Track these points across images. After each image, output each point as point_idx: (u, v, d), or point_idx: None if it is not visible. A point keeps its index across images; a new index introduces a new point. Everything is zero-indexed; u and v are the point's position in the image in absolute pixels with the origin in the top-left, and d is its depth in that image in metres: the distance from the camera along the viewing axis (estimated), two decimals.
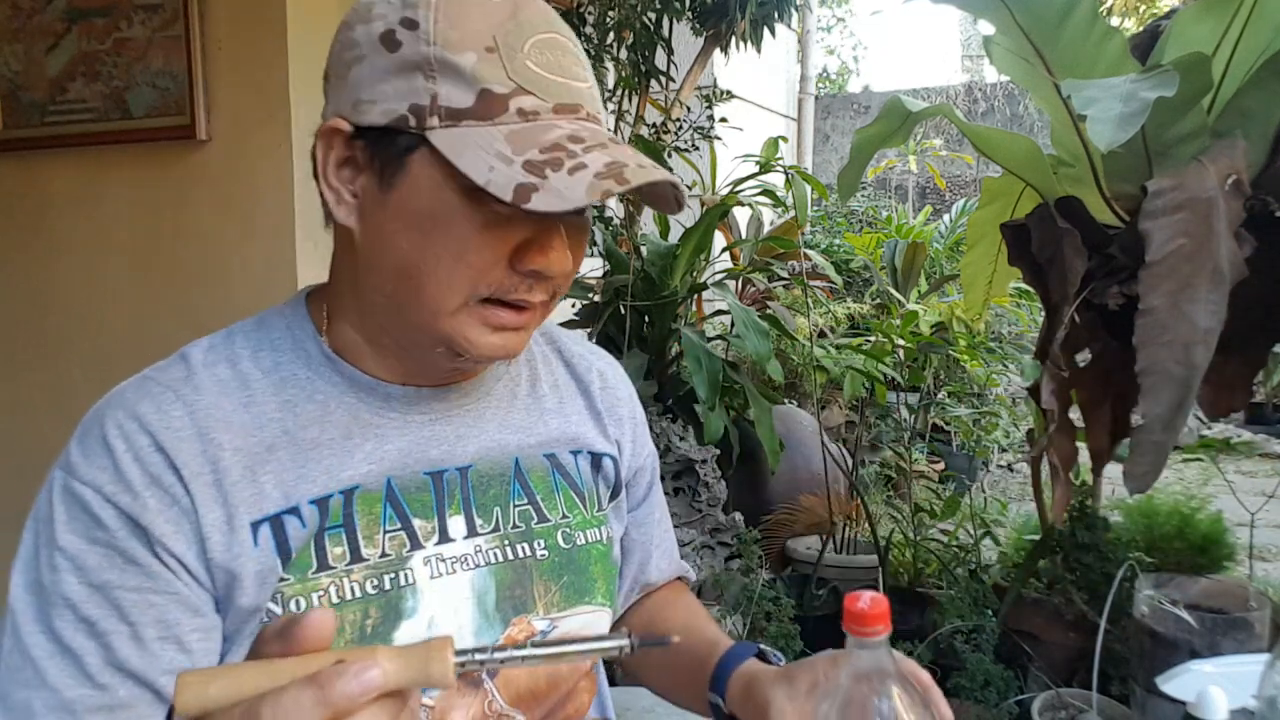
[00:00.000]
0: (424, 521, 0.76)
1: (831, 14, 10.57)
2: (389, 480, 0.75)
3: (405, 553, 0.74)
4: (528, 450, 0.84)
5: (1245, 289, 1.32)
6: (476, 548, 0.78)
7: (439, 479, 0.78)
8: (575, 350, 0.93)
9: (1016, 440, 4.15)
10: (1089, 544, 1.72)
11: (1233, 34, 1.50)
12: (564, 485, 0.85)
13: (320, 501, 0.72)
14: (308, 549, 0.71)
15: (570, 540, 0.83)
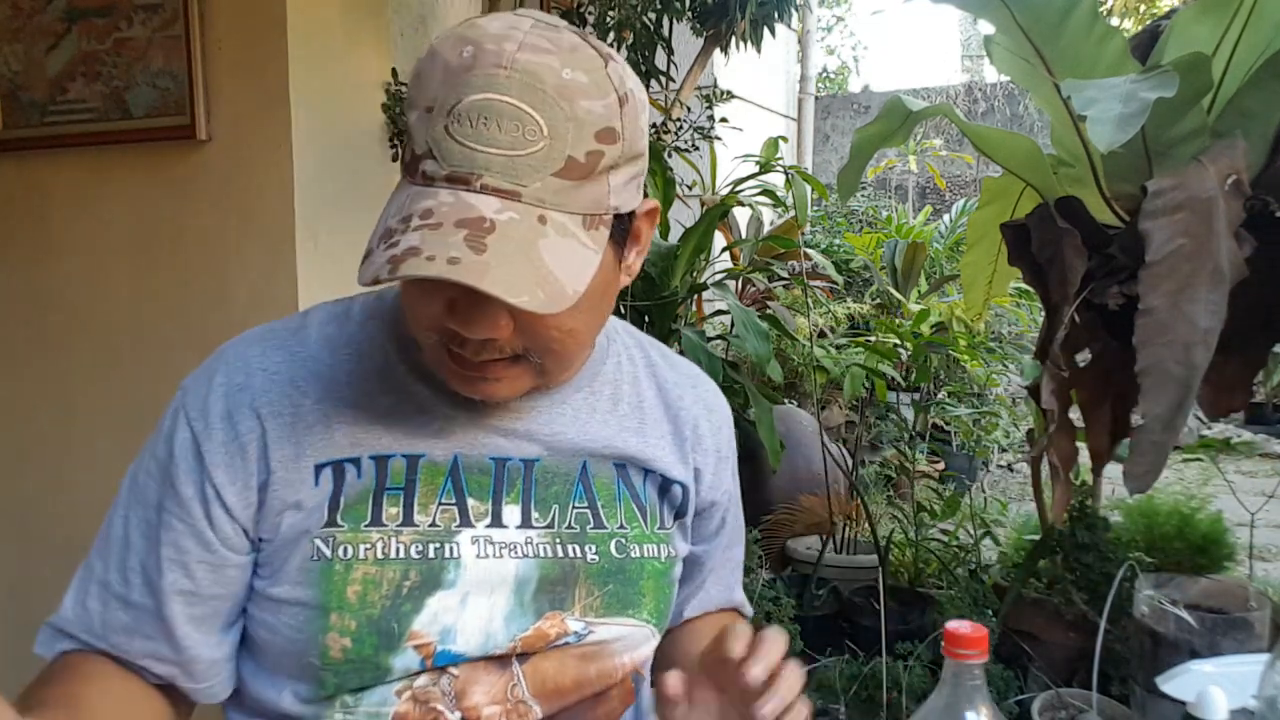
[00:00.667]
0: (478, 502, 0.80)
1: (831, 14, 10.57)
2: (456, 457, 0.80)
3: (454, 527, 0.78)
4: (598, 457, 0.86)
5: (1245, 289, 1.32)
6: (528, 539, 0.81)
7: (501, 466, 0.82)
8: (671, 376, 0.94)
9: (1016, 440, 4.15)
10: (1089, 544, 1.72)
11: (1233, 34, 1.50)
12: (627, 496, 0.87)
13: (381, 459, 0.78)
14: (364, 502, 0.77)
15: (624, 550, 0.84)
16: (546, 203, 0.66)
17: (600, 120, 0.67)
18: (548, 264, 0.65)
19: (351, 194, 2.15)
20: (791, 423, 2.98)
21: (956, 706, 0.66)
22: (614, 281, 0.77)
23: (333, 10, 1.98)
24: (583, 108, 0.66)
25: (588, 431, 0.86)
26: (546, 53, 0.66)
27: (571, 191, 0.67)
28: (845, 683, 1.77)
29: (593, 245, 0.68)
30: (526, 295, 0.63)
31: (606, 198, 0.69)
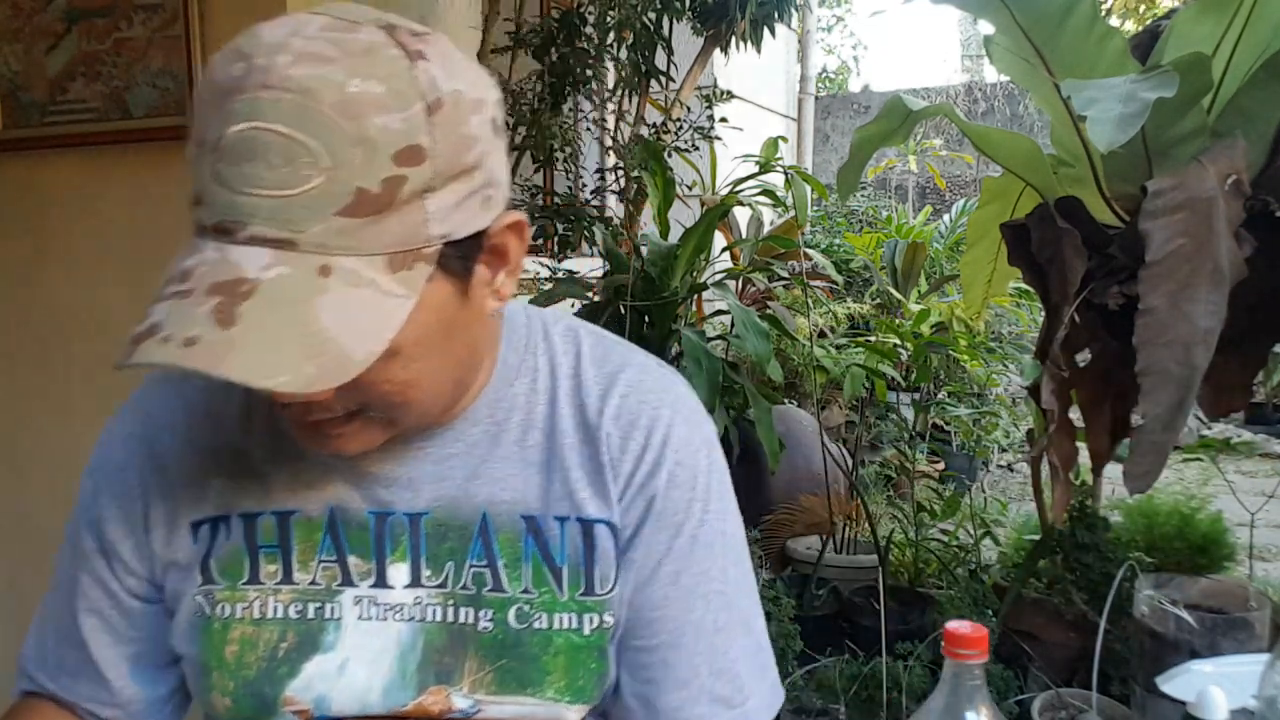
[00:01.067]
0: (360, 560, 0.72)
1: (831, 14, 10.57)
2: (332, 510, 0.73)
3: (335, 586, 0.72)
4: (501, 507, 0.72)
5: (1245, 289, 1.32)
6: (417, 599, 0.72)
7: (383, 521, 0.73)
8: (595, 381, 0.76)
9: (1016, 440, 4.15)
10: (1089, 544, 1.72)
11: (1232, 34, 1.50)
12: (535, 556, 0.72)
13: (249, 518, 0.73)
14: (239, 560, 0.73)
15: (525, 620, 0.71)
16: (331, 248, 0.54)
17: (399, 138, 0.55)
18: (326, 327, 0.54)
19: None
20: (791, 423, 2.98)
21: (957, 706, 0.66)
22: (463, 317, 0.64)
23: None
24: (374, 125, 0.54)
25: (488, 475, 0.73)
26: (327, 62, 0.54)
27: (365, 230, 0.55)
28: (845, 683, 1.77)
29: (401, 291, 0.57)
30: (286, 375, 0.52)
31: (423, 228, 0.57)
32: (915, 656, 1.75)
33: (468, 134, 0.58)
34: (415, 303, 0.57)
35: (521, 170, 2.84)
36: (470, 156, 0.59)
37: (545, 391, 0.75)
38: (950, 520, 2.59)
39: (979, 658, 0.65)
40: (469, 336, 0.67)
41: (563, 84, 2.63)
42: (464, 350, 0.67)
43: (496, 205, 0.64)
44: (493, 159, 0.62)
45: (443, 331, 0.62)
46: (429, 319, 0.60)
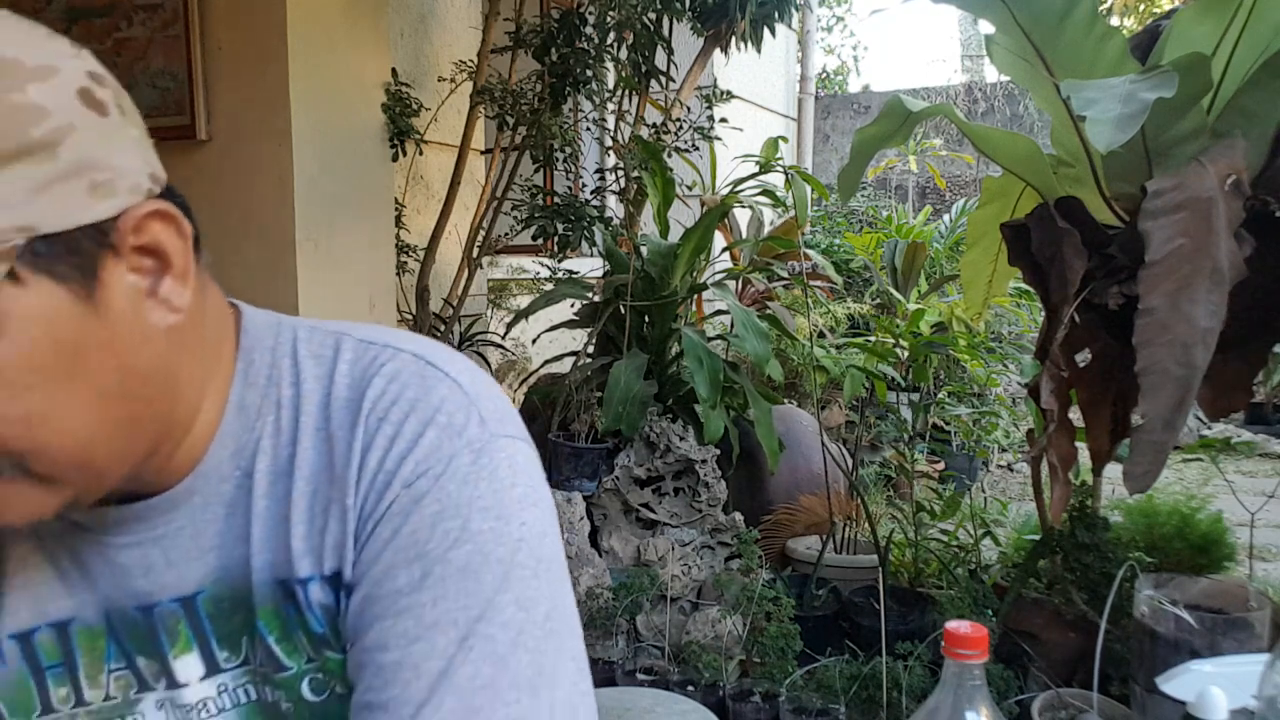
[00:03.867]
0: (149, 661, 0.63)
1: (831, 14, 10.57)
2: (107, 613, 0.63)
3: (133, 694, 0.63)
4: (260, 576, 0.61)
5: (1245, 289, 1.32)
6: (221, 687, 0.63)
7: (150, 614, 0.62)
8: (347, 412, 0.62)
9: (1016, 440, 4.15)
10: (1089, 544, 1.72)
11: (1232, 34, 1.50)
12: (306, 622, 0.61)
13: (22, 637, 0.62)
14: (26, 689, 0.62)
15: (322, 689, 0.62)
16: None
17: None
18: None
19: (351, 194, 2.15)
20: (791, 423, 2.98)
21: (957, 706, 0.66)
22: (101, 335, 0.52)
23: (333, 11, 1.98)
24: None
25: (249, 536, 0.61)
26: None
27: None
28: (845, 683, 1.77)
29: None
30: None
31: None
32: (915, 656, 1.75)
33: (23, 104, 0.48)
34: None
35: (521, 170, 2.84)
36: (37, 132, 0.48)
37: (289, 430, 0.63)
38: (950, 520, 2.59)
39: (979, 658, 0.65)
40: (124, 361, 0.54)
41: (563, 84, 2.63)
42: (120, 378, 0.54)
43: (120, 194, 0.52)
44: (88, 137, 0.51)
45: (67, 354, 0.50)
46: (34, 332, 0.49)
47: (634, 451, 2.45)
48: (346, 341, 0.65)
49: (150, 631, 0.62)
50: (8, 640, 0.62)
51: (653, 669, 2.03)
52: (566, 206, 2.68)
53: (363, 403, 0.61)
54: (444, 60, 3.10)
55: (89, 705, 0.63)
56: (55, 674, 0.63)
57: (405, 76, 2.51)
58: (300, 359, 0.64)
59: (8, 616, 0.62)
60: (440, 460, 0.59)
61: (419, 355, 0.64)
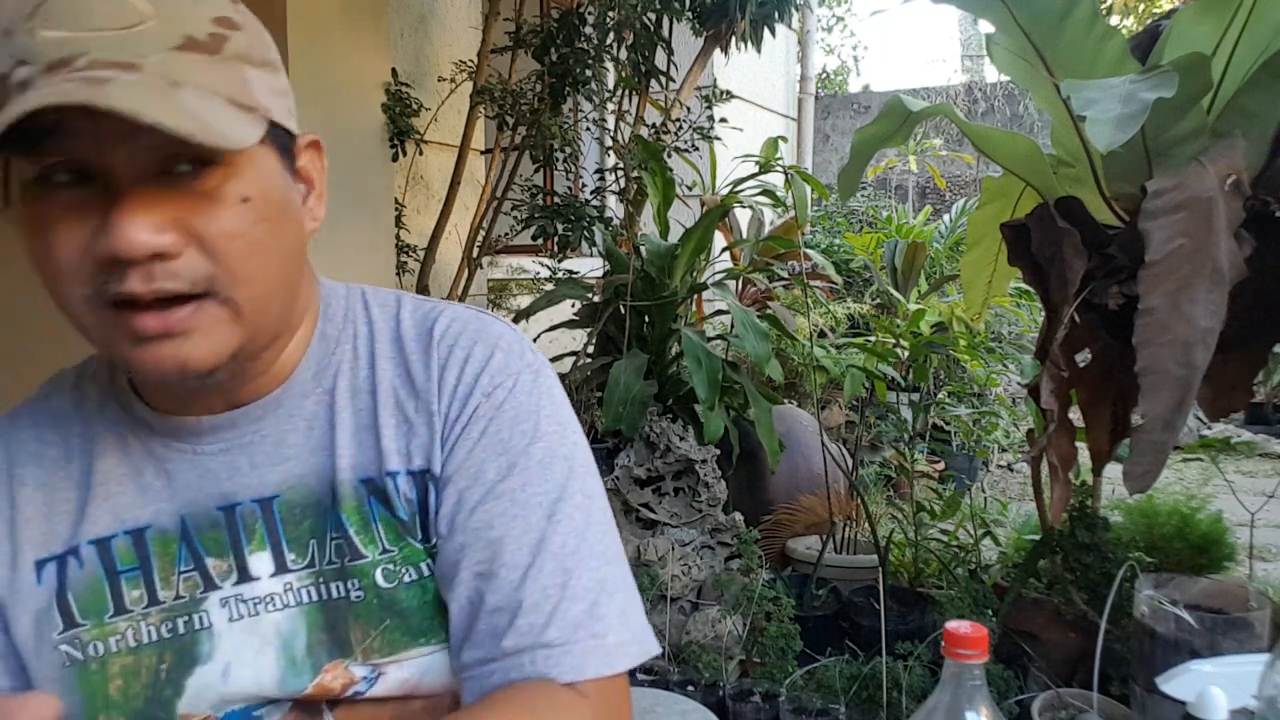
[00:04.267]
0: (218, 560, 0.70)
1: (831, 14, 10.57)
2: (183, 518, 0.71)
3: (199, 594, 0.70)
4: (344, 476, 0.72)
5: (1245, 289, 1.32)
6: (286, 586, 0.70)
7: (232, 513, 0.71)
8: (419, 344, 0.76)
9: (1016, 440, 4.15)
10: (1089, 544, 1.72)
11: (1232, 34, 1.50)
12: (384, 514, 0.71)
13: (100, 543, 0.70)
14: (100, 592, 0.69)
15: (394, 578, 0.71)
16: (175, 76, 0.56)
17: (216, 6, 0.61)
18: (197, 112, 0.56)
19: (351, 194, 2.15)
20: (791, 422, 2.98)
21: (957, 706, 0.66)
22: (292, 209, 0.67)
23: (332, 10, 1.98)
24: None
25: (327, 445, 0.72)
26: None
27: (201, 69, 0.58)
28: (845, 683, 1.77)
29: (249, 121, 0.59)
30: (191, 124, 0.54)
31: (248, 90, 0.60)
32: (915, 656, 1.75)
33: (266, 35, 0.67)
34: (256, 152, 0.62)
35: (521, 170, 2.84)
36: (272, 55, 0.66)
37: (365, 355, 0.75)
38: (950, 520, 2.59)
39: (979, 658, 0.65)
40: (297, 241, 0.68)
41: (562, 84, 2.63)
42: (295, 249, 0.68)
43: (294, 121, 0.68)
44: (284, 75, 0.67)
45: (280, 205, 0.65)
46: (269, 180, 0.64)
47: (634, 451, 2.45)
48: (404, 297, 0.80)
49: (230, 529, 0.71)
50: (86, 545, 0.69)
51: (652, 669, 2.03)
52: (566, 206, 2.68)
53: (431, 335, 0.75)
54: (444, 60, 3.10)
55: (161, 604, 0.70)
56: (129, 577, 0.70)
57: (405, 76, 2.51)
58: (369, 305, 0.79)
59: (88, 524, 0.70)
60: (509, 376, 0.74)
61: (468, 307, 0.80)
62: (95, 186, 0.58)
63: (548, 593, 0.67)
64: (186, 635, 0.69)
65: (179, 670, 0.69)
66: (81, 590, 0.69)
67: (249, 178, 0.62)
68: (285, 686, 0.69)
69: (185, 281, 0.60)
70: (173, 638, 0.69)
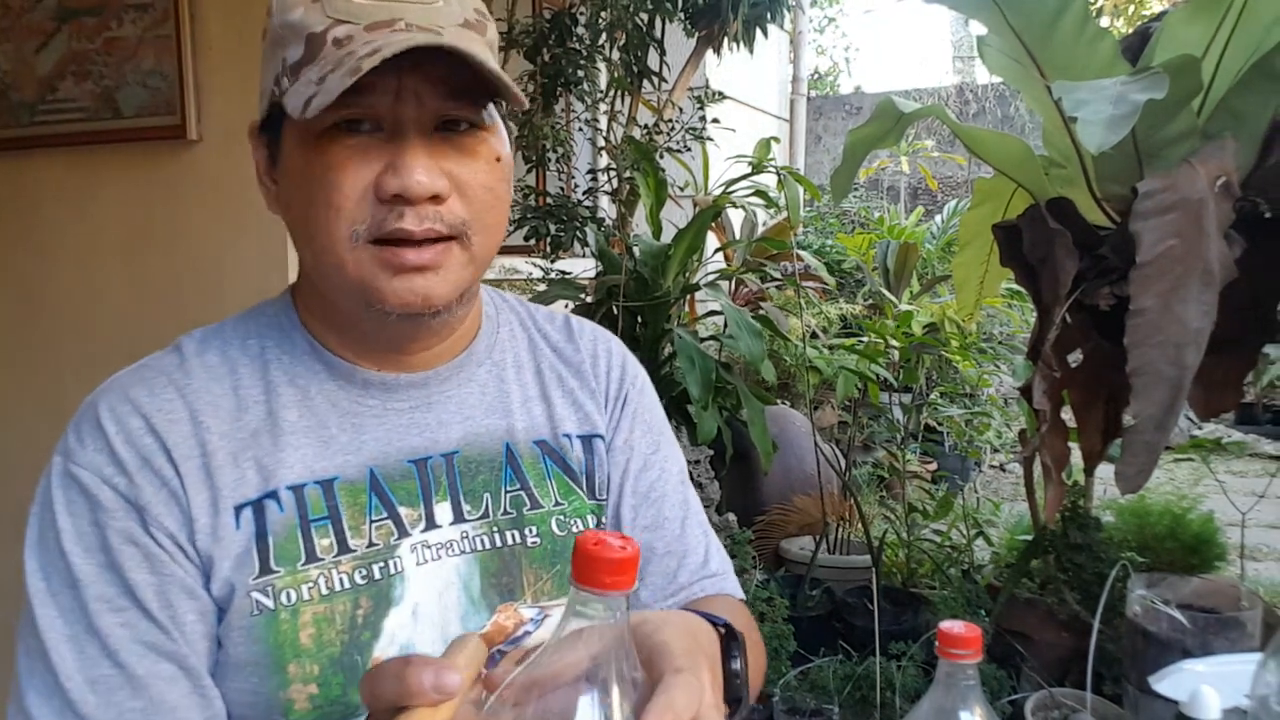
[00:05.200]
0: (410, 509, 0.76)
1: (823, 15, 10.58)
2: (372, 470, 0.76)
3: (393, 541, 0.75)
4: (518, 436, 0.83)
5: (1235, 289, 1.33)
6: (463, 534, 0.78)
7: (423, 466, 0.78)
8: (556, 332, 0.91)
9: (1009, 441, 4.16)
10: (1081, 544, 1.73)
11: (1222, 36, 1.50)
12: (557, 471, 0.83)
13: (296, 489, 0.73)
14: (293, 539, 0.72)
15: (565, 527, 0.81)
16: (460, 44, 0.66)
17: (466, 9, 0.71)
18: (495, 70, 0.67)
19: None
20: (784, 423, 2.98)
21: (950, 706, 0.66)
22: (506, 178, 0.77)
23: None
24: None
25: (501, 409, 0.83)
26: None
27: (478, 44, 0.69)
28: (839, 683, 1.77)
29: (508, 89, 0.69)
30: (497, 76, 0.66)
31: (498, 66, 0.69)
32: (909, 657, 1.75)
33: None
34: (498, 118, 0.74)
35: (514, 171, 2.83)
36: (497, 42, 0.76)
37: (523, 339, 0.89)
38: (943, 520, 2.59)
39: (972, 658, 0.65)
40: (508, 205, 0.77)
41: (555, 84, 2.63)
42: (509, 200, 0.77)
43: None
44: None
45: (508, 172, 0.76)
46: (506, 149, 0.75)
47: None
48: (515, 297, 0.94)
49: (419, 481, 0.77)
50: (285, 490, 0.73)
51: None
52: (559, 207, 2.67)
53: (570, 328, 0.91)
54: None
55: (353, 552, 0.73)
56: (319, 526, 0.73)
57: None
58: (504, 298, 0.92)
59: (283, 470, 0.73)
60: (639, 370, 0.93)
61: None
62: (383, 135, 0.68)
63: (699, 539, 0.88)
64: (382, 580, 0.73)
65: (377, 614, 0.73)
66: (280, 535, 0.72)
67: (499, 141, 0.74)
68: (465, 625, 0.75)
69: (447, 225, 0.70)
70: (368, 583, 0.73)
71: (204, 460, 0.71)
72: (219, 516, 0.71)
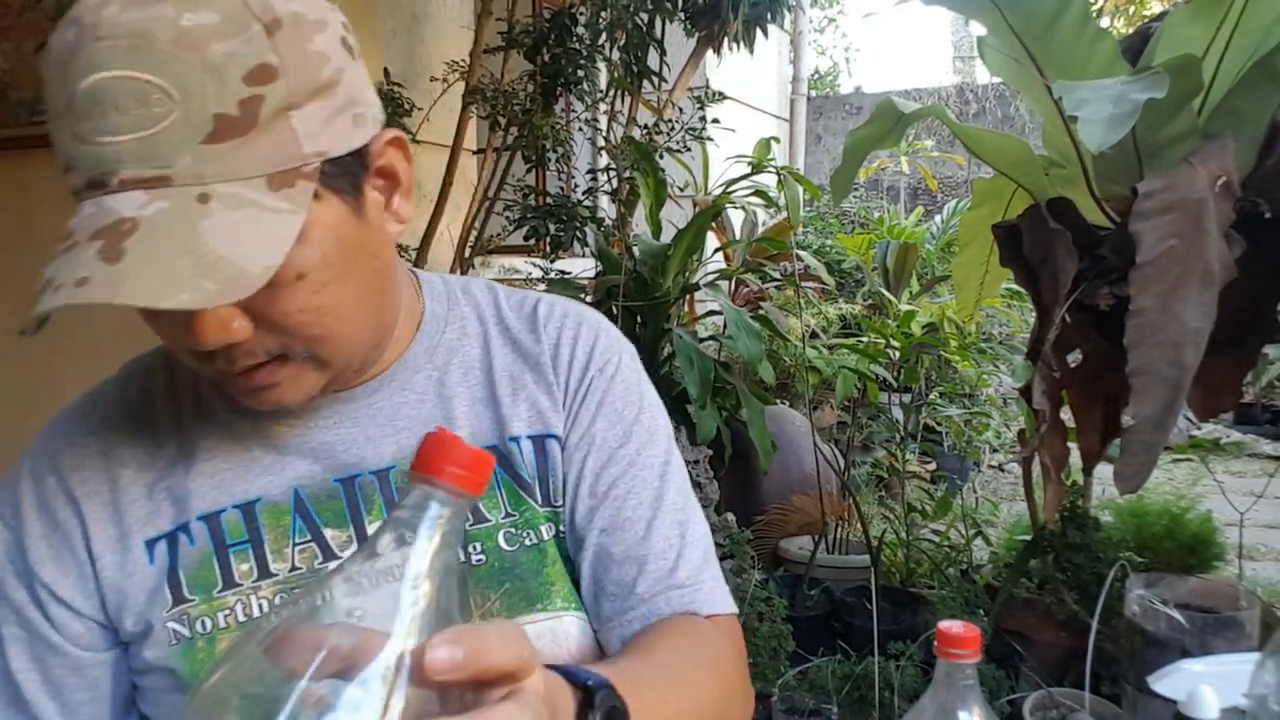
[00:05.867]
0: (337, 531, 0.72)
1: (823, 15, 10.59)
2: (296, 490, 0.72)
3: (317, 565, 0.71)
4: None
5: (1235, 289, 1.33)
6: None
7: (350, 485, 0.73)
8: (519, 322, 0.82)
9: (1008, 441, 4.16)
10: (1080, 544, 1.73)
11: (1223, 36, 1.50)
12: (506, 479, 0.76)
13: (210, 517, 0.70)
14: (209, 567, 0.70)
15: (515, 541, 0.74)
16: (206, 177, 0.55)
17: (246, 59, 0.55)
18: (216, 248, 0.54)
19: None
20: (784, 423, 2.98)
21: (949, 706, 0.66)
22: (365, 240, 0.65)
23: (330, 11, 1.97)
24: (217, 52, 0.54)
25: (440, 417, 0.76)
26: (156, 3, 0.54)
27: (236, 154, 0.56)
28: (837, 683, 1.77)
29: (288, 207, 0.57)
30: (186, 293, 0.53)
31: (296, 146, 0.58)
32: (907, 656, 1.75)
33: (316, 51, 0.59)
34: (306, 220, 0.58)
35: (514, 170, 2.83)
36: (325, 73, 0.59)
37: (476, 335, 0.80)
38: (942, 520, 2.59)
39: (971, 657, 0.65)
40: (377, 262, 0.67)
41: (554, 84, 2.63)
42: (374, 276, 0.67)
43: (369, 124, 0.64)
44: (351, 76, 0.62)
45: (346, 254, 0.63)
46: (327, 239, 0.61)
47: None
48: (497, 285, 0.86)
49: (350, 501, 0.72)
50: (195, 520, 0.70)
51: None
52: (559, 207, 2.67)
53: (536, 315, 0.82)
54: (436, 60, 3.09)
55: (274, 577, 0.70)
56: (238, 551, 0.70)
57: (397, 76, 2.50)
58: (470, 291, 0.84)
59: (195, 500, 0.70)
60: (615, 354, 0.81)
61: (554, 295, 0.86)
62: None
63: (670, 542, 0.76)
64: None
65: None
66: (191, 566, 0.70)
67: (301, 251, 0.60)
68: None
69: (262, 354, 0.63)
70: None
71: (113, 495, 0.70)
72: (128, 553, 0.70)
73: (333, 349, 0.65)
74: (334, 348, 0.65)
